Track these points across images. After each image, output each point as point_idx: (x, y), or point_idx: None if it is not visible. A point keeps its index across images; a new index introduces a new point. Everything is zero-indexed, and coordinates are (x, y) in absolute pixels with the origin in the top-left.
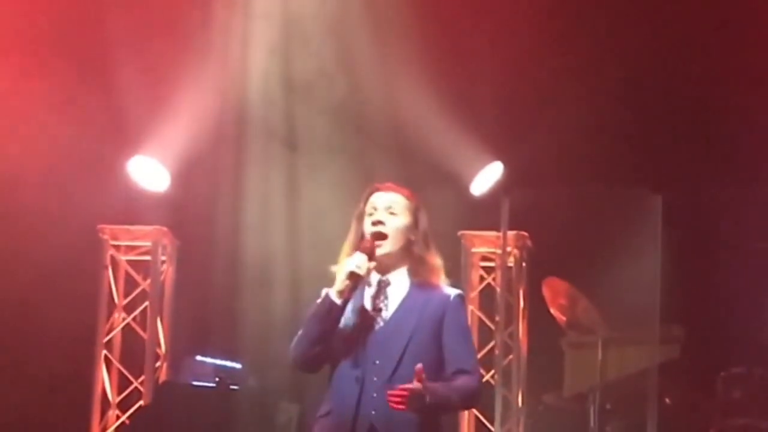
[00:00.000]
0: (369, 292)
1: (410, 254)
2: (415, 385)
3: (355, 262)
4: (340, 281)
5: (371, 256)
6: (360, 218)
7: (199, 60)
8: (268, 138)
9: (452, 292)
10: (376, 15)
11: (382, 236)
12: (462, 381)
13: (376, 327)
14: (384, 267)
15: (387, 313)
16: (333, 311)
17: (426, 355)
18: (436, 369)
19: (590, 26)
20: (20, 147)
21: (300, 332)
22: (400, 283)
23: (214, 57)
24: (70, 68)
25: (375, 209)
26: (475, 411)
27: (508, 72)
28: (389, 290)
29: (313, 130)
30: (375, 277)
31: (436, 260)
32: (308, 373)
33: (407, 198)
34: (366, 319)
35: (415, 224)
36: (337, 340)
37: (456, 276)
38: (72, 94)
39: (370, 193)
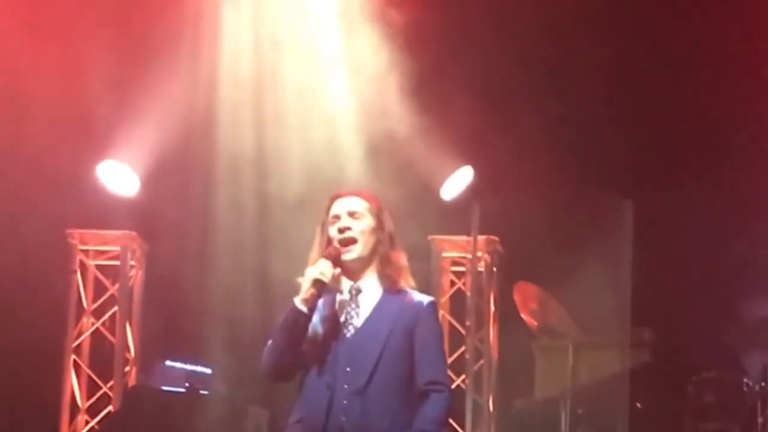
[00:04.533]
0: (340, 300)
1: (377, 255)
2: None
3: (319, 269)
4: (305, 290)
5: (336, 263)
6: (324, 226)
7: (168, 64)
8: (237, 143)
9: (425, 299)
10: (348, 18)
11: (351, 241)
12: (432, 410)
13: (348, 334)
14: (354, 273)
15: (358, 321)
16: (300, 320)
17: (399, 363)
18: (409, 377)
19: (562, 31)
20: None
21: (269, 343)
22: (371, 290)
23: (183, 61)
24: (37, 71)
25: (338, 216)
26: None
27: (478, 76)
28: (360, 298)
29: (282, 134)
30: (346, 285)
31: (402, 260)
32: (280, 382)
33: (368, 201)
34: (337, 326)
35: (380, 226)
36: (308, 348)
37: (426, 280)
38: (42, 99)
39: (332, 201)
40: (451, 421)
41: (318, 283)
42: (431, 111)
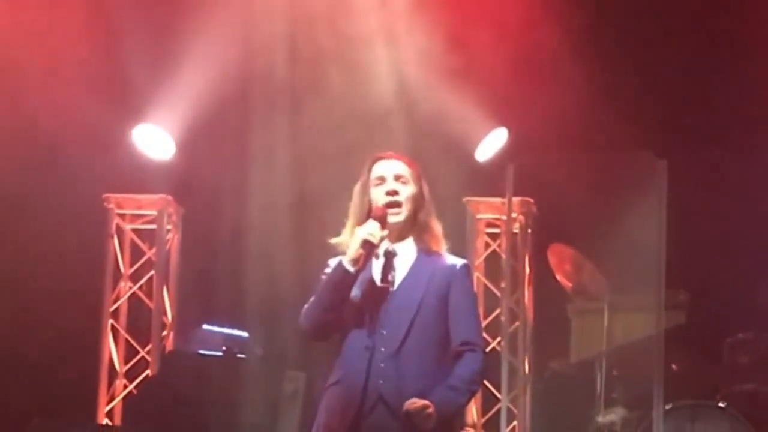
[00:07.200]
0: (376, 263)
1: (417, 222)
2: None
3: (368, 230)
4: (354, 249)
5: (384, 224)
6: (364, 188)
7: (203, 27)
8: (272, 105)
9: (458, 261)
10: None
11: (396, 204)
12: (464, 369)
13: (385, 297)
14: (393, 236)
15: (394, 283)
16: (346, 280)
17: (433, 325)
18: (443, 339)
19: None
20: (25, 115)
21: (311, 300)
22: (406, 253)
23: (218, 24)
24: (75, 35)
25: (383, 179)
26: None
27: (513, 37)
28: (396, 261)
29: (317, 97)
30: (382, 247)
31: (439, 227)
32: (317, 341)
33: (411, 167)
34: (374, 289)
35: (420, 193)
36: (347, 309)
37: (461, 243)
38: (77, 62)
39: (374, 162)
40: (486, 382)
41: (367, 244)
42: (466, 72)
